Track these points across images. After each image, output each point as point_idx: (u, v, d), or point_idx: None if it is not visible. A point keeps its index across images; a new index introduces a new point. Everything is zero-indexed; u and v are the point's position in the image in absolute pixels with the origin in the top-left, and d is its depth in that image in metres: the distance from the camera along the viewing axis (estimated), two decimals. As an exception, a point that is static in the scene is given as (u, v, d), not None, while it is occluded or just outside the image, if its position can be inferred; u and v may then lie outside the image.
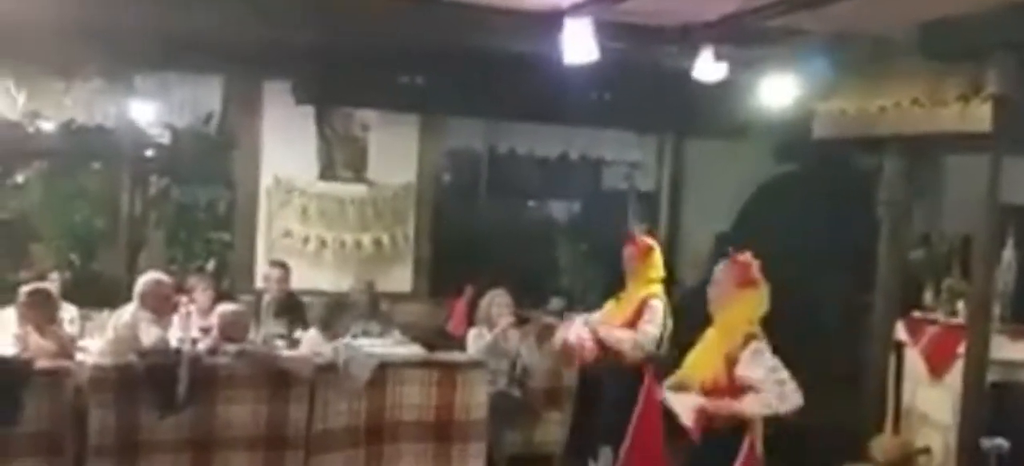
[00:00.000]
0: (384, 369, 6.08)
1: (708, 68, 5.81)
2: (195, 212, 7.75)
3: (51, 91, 6.80)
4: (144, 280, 6.09)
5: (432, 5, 5.57)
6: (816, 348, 7.68)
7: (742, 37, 5.72)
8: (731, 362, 4.16)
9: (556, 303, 8.22)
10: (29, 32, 5.75)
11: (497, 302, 6.79)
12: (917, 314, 6.53)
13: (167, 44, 6.41)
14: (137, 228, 7.58)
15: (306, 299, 7.20)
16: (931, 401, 6.24)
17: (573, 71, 5.70)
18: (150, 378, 5.54)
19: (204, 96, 7.49)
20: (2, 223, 7.56)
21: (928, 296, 6.59)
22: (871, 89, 6.11)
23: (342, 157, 7.88)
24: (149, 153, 7.59)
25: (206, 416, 5.63)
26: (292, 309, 7.01)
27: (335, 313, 7.01)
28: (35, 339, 5.69)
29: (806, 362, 7.49)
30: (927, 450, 6.13)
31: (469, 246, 8.41)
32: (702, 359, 4.33)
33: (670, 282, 9.06)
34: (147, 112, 7.26)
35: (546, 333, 7.07)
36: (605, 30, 5.52)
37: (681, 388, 4.42)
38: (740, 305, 4.27)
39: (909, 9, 5.08)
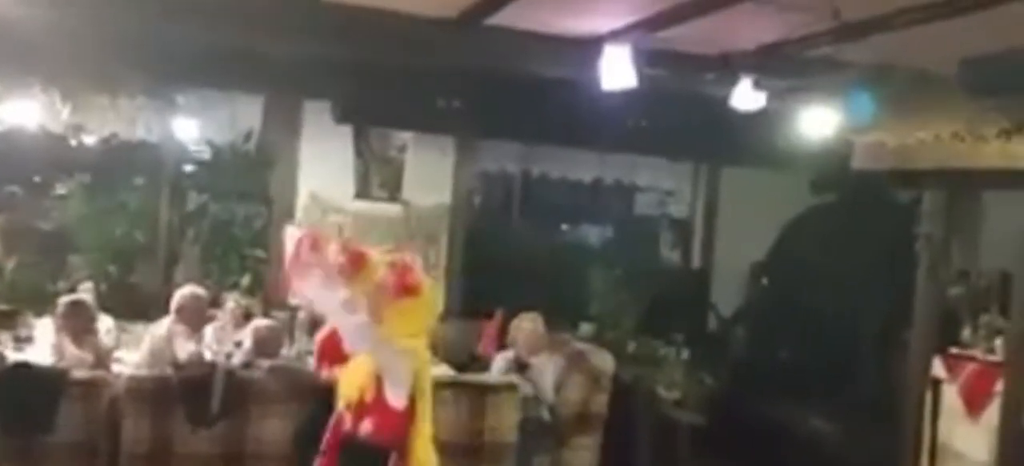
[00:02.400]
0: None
1: (747, 97, 5.80)
2: (232, 228, 7.80)
3: (95, 106, 6.91)
4: (180, 294, 6.15)
5: (472, 29, 5.61)
6: (853, 383, 7.65)
7: (782, 67, 5.71)
8: (380, 379, 3.63)
9: (586, 328, 8.21)
10: (76, 47, 5.85)
11: (521, 327, 6.79)
12: (955, 351, 6.44)
13: (210, 62, 6.51)
14: (175, 242, 7.66)
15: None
16: (967, 439, 6.15)
17: (610, 97, 5.72)
18: (184, 391, 5.59)
19: (244, 114, 7.58)
20: (43, 234, 7.66)
21: (966, 333, 6.51)
22: (911, 122, 6.06)
23: (378, 177, 7.95)
24: (189, 169, 7.68)
25: (238, 430, 5.66)
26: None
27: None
28: (71, 349, 5.77)
29: (841, 396, 7.52)
30: (962, 488, 6.04)
31: (501, 268, 8.42)
32: (354, 373, 3.77)
33: (704, 309, 9.13)
34: (188, 128, 7.36)
35: (577, 358, 7.07)
36: (643, 57, 5.54)
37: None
38: (399, 316, 3.65)
39: (951, 44, 5.04)
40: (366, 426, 3.64)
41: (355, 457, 3.70)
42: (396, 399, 3.58)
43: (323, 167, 7.79)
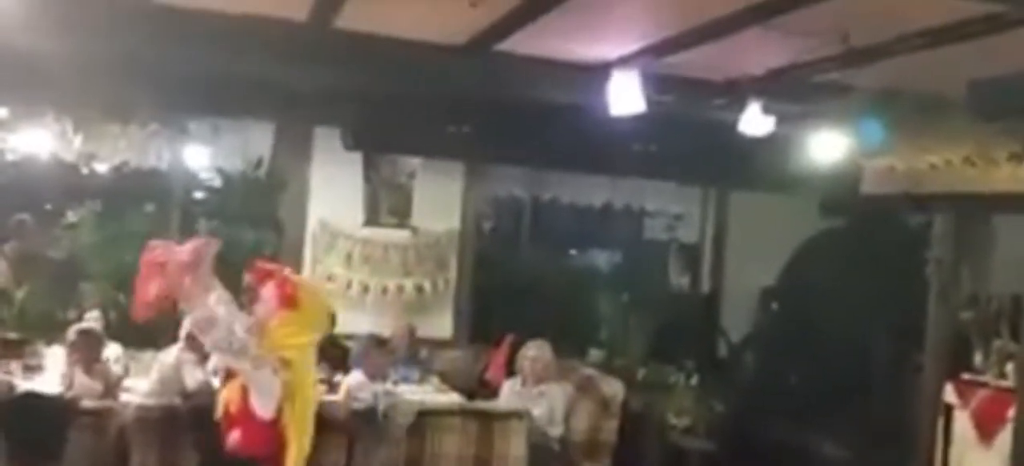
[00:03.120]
0: (423, 416, 6.07)
1: (755, 121, 5.79)
2: (242, 255, 7.80)
3: (107, 134, 6.95)
4: (189, 322, 6.14)
5: (482, 55, 5.63)
6: (864, 408, 7.59)
7: (790, 91, 5.71)
8: (246, 390, 3.59)
9: (595, 355, 8.18)
10: (88, 76, 5.88)
11: (528, 355, 6.76)
12: (967, 376, 6.40)
13: (221, 90, 6.54)
14: (184, 270, 7.66)
15: (347, 344, 7.21)
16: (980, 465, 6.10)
17: (619, 122, 5.73)
18: (193, 419, 5.58)
19: (255, 141, 7.60)
20: (53, 262, 7.68)
21: (978, 358, 6.47)
22: (921, 147, 6.06)
23: (387, 203, 7.96)
24: (199, 196, 7.70)
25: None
26: (334, 354, 7.03)
27: (372, 352, 6.94)
28: (81, 378, 5.76)
29: (853, 421, 7.47)
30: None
31: (510, 294, 8.42)
32: (231, 384, 3.75)
33: (713, 334, 9.09)
34: (199, 156, 7.40)
35: (586, 385, 7.04)
36: (652, 82, 5.55)
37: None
38: (279, 328, 3.65)
39: (960, 67, 5.03)
40: (234, 437, 3.63)
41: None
42: (262, 410, 3.54)
43: (333, 194, 7.81)
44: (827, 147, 6.15)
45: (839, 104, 5.80)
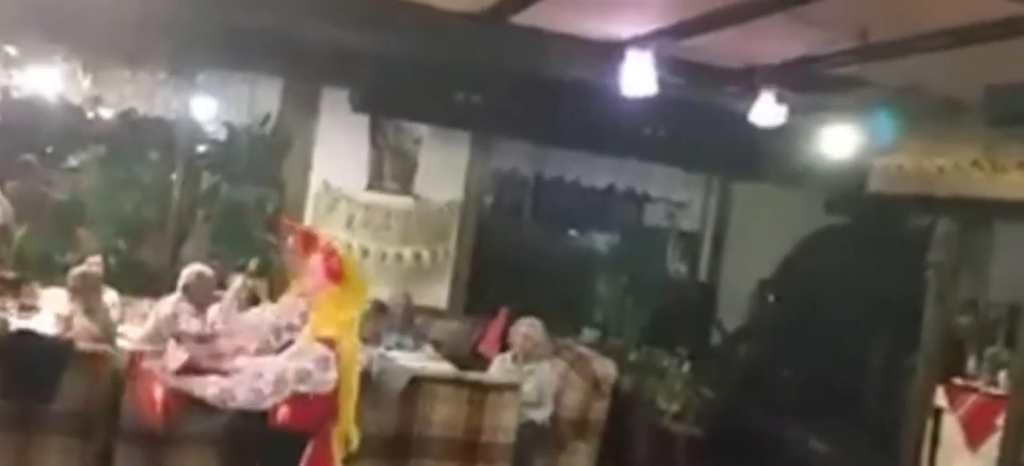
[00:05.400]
0: (416, 383, 6.08)
1: (767, 111, 5.77)
2: (243, 210, 7.79)
3: (116, 79, 6.91)
4: (188, 272, 6.14)
5: (497, 27, 5.61)
6: (854, 406, 7.63)
7: (805, 83, 5.69)
8: None
9: (589, 334, 8.19)
10: (101, 20, 5.84)
11: (519, 331, 6.75)
12: (958, 381, 6.42)
13: (232, 43, 6.50)
14: (185, 221, 7.62)
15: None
16: (966, 470, 6.13)
17: (628, 103, 5.72)
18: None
19: (263, 97, 7.56)
20: (54, 204, 7.66)
21: (971, 363, 6.49)
22: (931, 148, 6.05)
23: (391, 169, 7.94)
24: (204, 148, 7.65)
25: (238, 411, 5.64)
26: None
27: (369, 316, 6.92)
28: (81, 320, 5.76)
29: (842, 418, 7.50)
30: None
31: (508, 268, 8.42)
32: None
33: (708, 322, 9.11)
34: (206, 108, 7.34)
35: (578, 363, 7.05)
36: (666, 65, 5.53)
37: None
38: (328, 302, 3.64)
39: (977, 71, 5.02)
40: (283, 412, 3.64)
41: (273, 443, 3.71)
42: (320, 388, 3.60)
43: (337, 155, 7.78)
44: (836, 142, 6.13)
45: (852, 99, 5.79)
